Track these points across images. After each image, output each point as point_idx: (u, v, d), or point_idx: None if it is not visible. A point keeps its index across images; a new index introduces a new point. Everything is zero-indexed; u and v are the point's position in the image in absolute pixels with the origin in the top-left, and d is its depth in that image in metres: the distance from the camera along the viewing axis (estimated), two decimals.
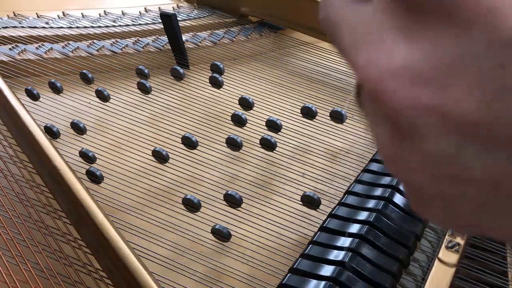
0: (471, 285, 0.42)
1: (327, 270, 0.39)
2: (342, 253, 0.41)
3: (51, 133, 0.61)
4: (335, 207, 0.46)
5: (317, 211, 0.51)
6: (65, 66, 0.73)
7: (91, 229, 0.45)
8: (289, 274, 0.40)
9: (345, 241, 0.42)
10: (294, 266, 0.41)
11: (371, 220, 0.43)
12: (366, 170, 0.50)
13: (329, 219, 0.45)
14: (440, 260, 0.42)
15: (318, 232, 0.44)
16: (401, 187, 0.46)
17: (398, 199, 0.46)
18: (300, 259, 0.41)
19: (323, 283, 0.38)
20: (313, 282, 0.39)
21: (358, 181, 0.50)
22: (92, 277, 0.44)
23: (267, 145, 0.59)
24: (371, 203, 0.46)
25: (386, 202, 0.45)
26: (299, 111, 0.63)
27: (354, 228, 0.43)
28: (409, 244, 0.43)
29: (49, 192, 0.52)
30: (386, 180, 0.48)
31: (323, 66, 0.76)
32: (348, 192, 0.48)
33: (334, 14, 0.18)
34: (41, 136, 0.53)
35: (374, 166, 0.50)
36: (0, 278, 0.43)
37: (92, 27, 0.84)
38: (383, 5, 0.16)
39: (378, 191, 0.47)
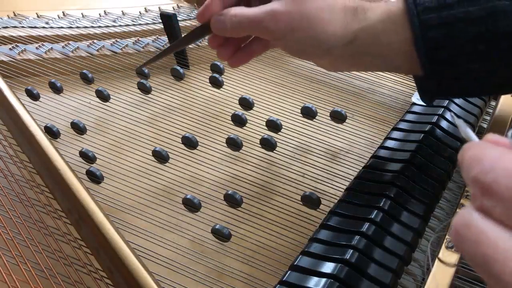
0: (471, 285, 0.42)
1: (328, 267, 0.39)
2: (344, 250, 0.40)
3: (51, 133, 0.61)
4: (336, 204, 0.46)
5: (317, 211, 0.51)
6: (65, 66, 0.73)
7: (91, 229, 0.45)
8: (289, 271, 0.40)
9: (346, 238, 0.42)
10: (295, 263, 0.41)
11: (372, 218, 0.43)
12: (366, 167, 0.50)
13: (330, 215, 0.45)
14: (440, 260, 0.42)
15: (319, 230, 0.44)
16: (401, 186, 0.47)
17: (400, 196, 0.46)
18: (300, 256, 0.41)
19: (324, 280, 0.38)
20: (314, 279, 0.39)
21: (358, 178, 0.49)
22: (92, 277, 0.44)
23: (267, 145, 0.59)
24: (373, 201, 0.45)
25: (388, 199, 0.45)
26: (299, 111, 0.63)
27: (356, 226, 0.43)
28: (410, 240, 0.43)
29: (49, 192, 0.52)
30: (387, 176, 0.48)
31: None
32: (348, 189, 0.48)
33: (494, 251, 0.20)
34: (41, 136, 0.53)
35: (375, 163, 0.50)
36: (0, 278, 0.43)
37: (92, 27, 0.84)
38: None
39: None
